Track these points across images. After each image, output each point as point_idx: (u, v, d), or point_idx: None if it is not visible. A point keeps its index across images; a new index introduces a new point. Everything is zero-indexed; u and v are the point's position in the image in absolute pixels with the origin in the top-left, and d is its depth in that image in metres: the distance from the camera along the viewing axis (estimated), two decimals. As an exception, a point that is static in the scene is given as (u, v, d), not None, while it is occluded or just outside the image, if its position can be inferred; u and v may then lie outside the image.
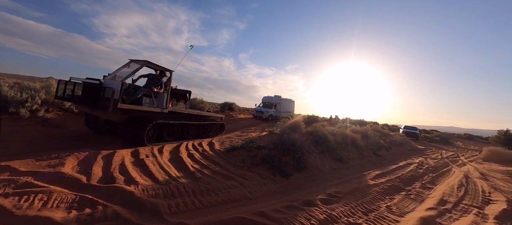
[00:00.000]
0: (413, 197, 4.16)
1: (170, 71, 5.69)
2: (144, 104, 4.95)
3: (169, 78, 5.70)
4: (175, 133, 6.04)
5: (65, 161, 3.16)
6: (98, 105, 4.21)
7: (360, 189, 4.10)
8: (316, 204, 3.13)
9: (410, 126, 22.00)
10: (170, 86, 5.73)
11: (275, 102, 17.60)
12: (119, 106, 4.27)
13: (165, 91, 5.56)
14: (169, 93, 5.62)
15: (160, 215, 2.39)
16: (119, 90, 4.27)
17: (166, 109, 5.48)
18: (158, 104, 5.30)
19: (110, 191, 2.63)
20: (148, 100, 5.05)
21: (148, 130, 4.86)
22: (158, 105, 5.32)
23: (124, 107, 4.43)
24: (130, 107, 4.60)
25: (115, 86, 4.25)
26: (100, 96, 4.21)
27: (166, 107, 5.53)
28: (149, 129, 4.93)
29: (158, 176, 3.35)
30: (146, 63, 5.12)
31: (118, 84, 4.33)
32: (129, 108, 4.59)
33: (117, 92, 4.23)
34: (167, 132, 5.73)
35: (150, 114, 5.18)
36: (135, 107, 4.73)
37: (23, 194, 2.22)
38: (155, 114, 5.27)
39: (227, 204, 2.97)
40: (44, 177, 2.65)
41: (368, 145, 8.85)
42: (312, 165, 5.23)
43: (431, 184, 5.32)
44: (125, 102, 4.55)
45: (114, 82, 4.49)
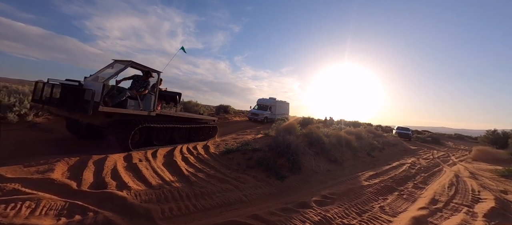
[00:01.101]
0: (406, 197, 4.24)
1: (158, 72, 5.47)
2: (129, 107, 4.72)
3: (157, 80, 5.49)
4: (164, 137, 5.80)
5: (54, 166, 3.08)
6: (77, 108, 3.96)
7: (354, 190, 4.15)
8: (310, 206, 3.14)
9: (403, 127, 22.44)
10: (158, 88, 5.52)
11: (270, 104, 17.61)
12: (100, 109, 4.04)
13: (152, 93, 5.33)
14: (156, 95, 5.39)
15: (153, 220, 2.35)
16: (100, 92, 4.04)
17: (153, 112, 5.26)
18: (144, 107, 5.09)
19: (102, 197, 2.58)
20: (133, 102, 4.82)
21: (133, 134, 4.60)
22: (145, 108, 5.10)
23: (106, 110, 4.19)
24: (113, 110, 4.35)
25: (95, 88, 4.00)
26: (79, 99, 3.98)
27: (154, 110, 5.31)
28: (135, 133, 4.67)
29: (152, 181, 3.30)
30: (131, 63, 4.86)
31: (99, 86, 4.09)
32: (112, 112, 4.36)
33: (98, 94, 4.00)
34: (155, 136, 5.49)
35: (136, 117, 4.91)
36: (119, 110, 4.48)
37: (9, 201, 2.15)
38: (141, 118, 5.00)
39: (222, 208, 2.95)
40: (32, 183, 2.57)
41: (362, 146, 8.98)
42: (307, 167, 5.26)
43: (423, 184, 5.43)
44: (107, 104, 4.32)
45: (95, 83, 4.22)
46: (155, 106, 5.36)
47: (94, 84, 4.20)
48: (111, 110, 4.31)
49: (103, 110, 4.11)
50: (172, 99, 6.65)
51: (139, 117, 4.96)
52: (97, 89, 4.01)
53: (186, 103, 12.90)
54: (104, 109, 4.13)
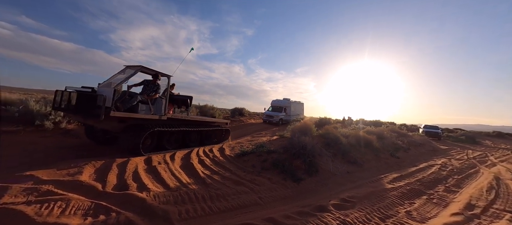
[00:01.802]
0: (436, 202, 3.88)
1: (168, 76, 5.48)
2: (140, 112, 4.75)
3: (167, 84, 5.50)
4: (176, 140, 5.82)
5: (83, 169, 3.32)
6: (90, 114, 4.03)
7: (376, 193, 3.90)
8: (328, 210, 3.01)
9: (431, 125, 20.74)
10: (169, 91, 5.53)
11: (285, 106, 17.13)
12: (112, 114, 4.07)
13: (163, 97, 5.34)
14: (167, 99, 5.38)
15: (171, 222, 2.42)
16: (111, 97, 4.07)
17: (164, 116, 5.26)
18: (156, 111, 5.09)
19: (124, 198, 2.72)
20: (144, 107, 4.85)
21: (144, 139, 4.65)
22: (156, 112, 5.09)
23: (117, 115, 4.23)
24: (124, 115, 4.39)
25: (106, 94, 4.06)
26: (92, 105, 4.03)
27: (165, 114, 5.30)
28: (146, 137, 4.71)
29: (169, 183, 3.41)
30: (140, 68, 4.92)
31: (110, 91, 4.12)
32: (124, 116, 4.40)
33: (109, 100, 4.04)
34: (167, 140, 5.50)
35: (148, 121, 4.94)
36: (130, 115, 4.52)
37: (44, 201, 2.36)
38: (152, 122, 5.03)
39: (237, 210, 2.94)
40: (63, 185, 2.80)
41: (385, 146, 8.45)
42: (324, 168, 5.08)
43: (456, 187, 4.94)
44: (119, 110, 4.36)
45: (106, 89, 4.26)
46: (166, 110, 5.39)
47: (106, 90, 4.27)
48: (122, 115, 4.34)
49: (115, 115, 4.16)
50: (183, 102, 6.71)
51: (150, 122, 4.99)
52: (108, 95, 4.07)
53: (202, 106, 13.25)
54: (116, 114, 4.18)
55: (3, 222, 2.01)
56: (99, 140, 5.55)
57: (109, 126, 4.61)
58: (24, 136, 5.07)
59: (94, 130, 5.34)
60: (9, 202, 2.29)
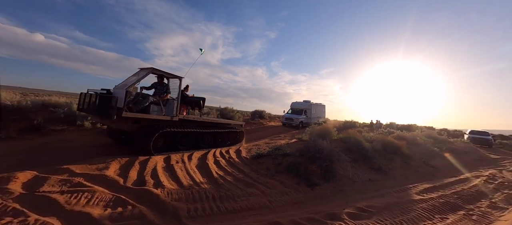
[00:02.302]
0: (476, 219, 3.35)
1: (180, 78, 5.56)
2: (152, 112, 4.85)
3: (179, 85, 5.56)
4: (189, 142, 5.88)
5: (109, 165, 3.68)
6: (105, 114, 4.20)
7: (400, 205, 3.53)
8: (341, 218, 2.82)
9: (479, 131, 18.05)
10: (180, 93, 5.57)
11: (305, 108, 16.63)
12: (124, 114, 4.22)
13: (175, 99, 5.42)
14: (179, 100, 5.47)
15: (179, 218, 2.52)
16: (122, 98, 4.21)
17: (176, 117, 5.34)
18: (167, 112, 5.17)
19: (140, 193, 2.93)
20: (156, 108, 4.96)
21: (156, 139, 4.77)
22: (168, 113, 5.18)
23: (129, 116, 4.37)
24: (135, 116, 4.52)
25: (119, 95, 4.21)
26: (106, 106, 4.20)
27: (177, 115, 5.39)
28: (157, 138, 4.84)
29: (184, 181, 3.57)
30: (152, 70, 5.03)
31: (122, 93, 4.28)
32: (135, 117, 4.54)
33: (121, 101, 4.18)
34: (179, 141, 5.59)
35: (159, 122, 5.05)
36: (142, 116, 4.65)
37: (74, 192, 2.67)
38: (164, 123, 5.14)
39: (244, 212, 2.95)
40: (92, 178, 3.14)
41: (417, 153, 7.63)
42: (342, 174, 4.79)
43: (505, 203, 4.20)
44: (132, 110, 4.49)
45: (119, 91, 4.41)
46: (178, 111, 5.48)
47: (119, 91, 4.40)
48: (133, 116, 4.48)
49: (127, 115, 4.31)
50: (196, 104, 6.79)
51: (161, 122, 5.09)
52: (120, 96, 4.22)
53: (223, 109, 13.65)
54: (128, 114, 4.32)
55: (40, 207, 2.33)
56: (118, 140, 5.83)
57: (125, 126, 4.78)
58: (67, 134, 5.84)
59: (113, 130, 5.60)
60: (47, 191, 2.65)
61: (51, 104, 6.72)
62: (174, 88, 5.74)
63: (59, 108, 6.53)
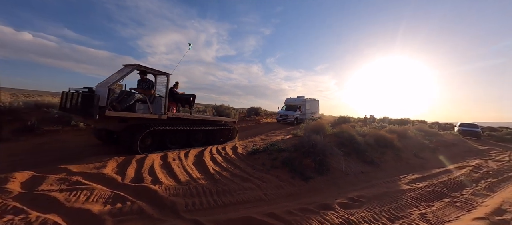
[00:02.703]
0: (460, 205, 3.56)
1: (167, 75, 5.39)
2: (138, 111, 4.67)
3: (167, 82, 5.39)
4: (180, 140, 5.76)
5: (107, 163, 3.73)
6: (87, 113, 4.02)
7: (389, 194, 3.71)
8: (333, 208, 2.96)
9: (469, 123, 18.64)
10: (168, 90, 5.40)
11: (300, 104, 16.55)
12: (107, 114, 4.04)
13: (162, 96, 5.27)
14: (167, 98, 5.31)
15: (177, 212, 2.61)
16: (105, 96, 4.03)
17: (164, 115, 5.19)
18: (155, 110, 5.01)
19: (139, 189, 3.00)
20: (142, 106, 4.78)
21: (143, 138, 4.65)
22: (155, 111, 5.02)
23: (113, 115, 4.19)
24: (120, 114, 4.33)
25: (101, 93, 4.04)
26: (88, 105, 4.02)
27: (165, 112, 5.22)
28: (145, 137, 4.71)
29: (181, 177, 3.65)
30: (136, 66, 4.80)
31: (104, 91, 4.08)
32: (121, 116, 4.38)
33: (103, 99, 4.01)
34: (169, 139, 5.47)
35: (147, 121, 4.89)
36: (126, 114, 4.45)
37: (73, 190, 2.73)
38: (152, 121, 4.98)
39: (241, 205, 3.05)
40: (90, 176, 3.19)
41: (408, 146, 7.89)
42: (335, 168, 4.95)
43: (488, 190, 4.45)
44: (116, 109, 4.32)
45: (101, 89, 4.24)
46: (166, 109, 5.32)
47: (101, 89, 4.21)
48: (117, 115, 4.28)
49: (110, 114, 4.12)
50: (187, 101, 6.63)
51: (149, 121, 4.93)
52: (102, 94, 4.04)
53: (218, 106, 13.68)
54: (111, 113, 4.14)
55: (40, 204, 2.38)
56: (105, 140, 5.60)
57: (111, 126, 4.62)
58: (62, 135, 5.82)
59: (99, 130, 5.39)
60: (46, 189, 2.70)
61: (45, 105, 6.65)
62: (162, 86, 5.54)
63: (53, 109, 6.47)
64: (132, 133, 4.56)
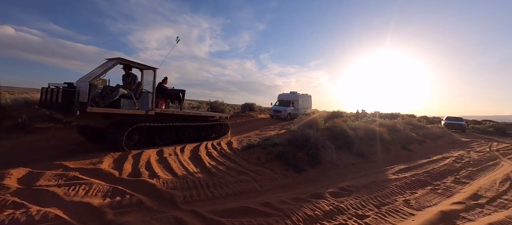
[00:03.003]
0: (441, 192, 3.82)
1: (154, 69, 5.26)
2: (123, 107, 4.53)
3: (153, 77, 5.27)
4: (169, 136, 5.66)
5: (103, 159, 3.77)
6: (67, 110, 3.86)
7: (377, 183, 3.93)
8: (324, 197, 3.14)
9: (454, 116, 19.47)
10: (155, 85, 5.28)
11: (293, 99, 16.63)
12: (89, 110, 3.90)
13: (149, 91, 5.15)
14: (154, 93, 5.19)
15: (176, 204, 2.72)
16: (86, 92, 3.89)
17: (152, 111, 5.06)
18: (141, 106, 4.88)
19: (137, 183, 3.08)
20: (127, 102, 4.64)
21: (129, 135, 4.56)
22: (142, 107, 4.90)
23: (95, 111, 4.04)
24: (103, 110, 4.19)
25: (81, 88, 3.90)
26: (69, 101, 3.85)
27: (152, 108, 5.09)
28: (131, 133, 4.61)
29: (178, 172, 3.74)
30: (120, 60, 4.62)
31: (85, 86, 3.94)
32: (102, 112, 4.24)
33: (84, 95, 3.87)
34: (158, 135, 5.39)
35: (133, 117, 4.78)
36: (109, 110, 4.31)
37: (71, 185, 2.78)
38: (138, 117, 4.86)
39: (237, 196, 3.19)
40: (87, 172, 3.23)
41: (396, 139, 8.23)
42: (327, 160, 5.15)
43: (467, 178, 4.77)
44: (99, 105, 4.17)
45: (82, 84, 4.09)
46: (153, 104, 5.19)
47: (82, 84, 4.05)
48: (100, 110, 4.13)
49: (92, 110, 3.98)
50: (176, 97, 6.48)
51: (136, 117, 4.81)
52: (83, 89, 3.89)
53: (213, 103, 13.69)
54: (94, 109, 3.99)
55: (39, 199, 2.43)
56: (89, 137, 5.43)
57: (95, 123, 4.48)
58: (54, 132, 5.75)
59: (83, 127, 5.22)
60: (44, 185, 2.73)
61: (35, 102, 6.50)
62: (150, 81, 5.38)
63: (43, 106, 6.34)
64: (117, 130, 4.44)
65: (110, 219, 2.22)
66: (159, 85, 6.24)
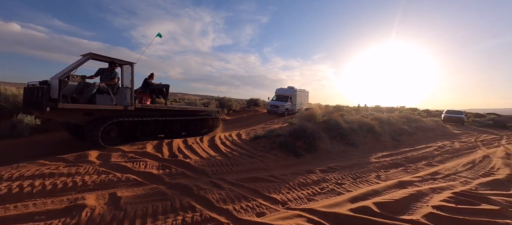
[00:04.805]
0: (410, 171, 4.83)
1: (131, 64, 5.26)
2: (99, 102, 4.53)
3: (131, 72, 5.29)
4: (153, 130, 5.71)
5: (146, 146, 4.92)
6: (38, 107, 3.92)
7: (358, 164, 4.97)
8: (314, 172, 4.22)
9: (454, 110, 20.06)
10: (133, 80, 5.28)
11: (290, 95, 16.62)
12: (60, 106, 3.88)
13: (128, 86, 5.18)
14: (133, 88, 5.22)
15: (207, 174, 3.83)
16: (56, 88, 3.87)
17: (131, 106, 5.06)
18: (120, 101, 4.90)
19: (176, 162, 4.21)
20: (103, 97, 4.64)
21: (107, 131, 4.67)
22: (120, 102, 4.91)
23: (68, 107, 4.04)
24: (75, 106, 4.19)
25: (52, 85, 3.90)
26: (39, 98, 3.90)
27: (132, 103, 5.10)
28: (108, 129, 4.68)
29: (202, 155, 4.86)
30: (91, 55, 4.58)
31: (54, 82, 3.91)
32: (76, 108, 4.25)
33: (54, 91, 3.85)
34: (140, 130, 5.43)
35: (112, 112, 4.80)
36: (80, 106, 4.28)
37: (134, 161, 3.93)
38: (117, 113, 4.89)
39: (249, 171, 4.28)
40: (139, 154, 4.38)
41: (388, 131, 9.17)
42: (322, 148, 6.19)
43: (439, 162, 5.73)
44: (78, 101, 4.22)
45: (54, 80, 4.03)
46: (133, 99, 5.20)
47: (53, 81, 4.01)
48: (72, 107, 4.12)
49: (64, 107, 3.97)
50: (160, 92, 6.49)
51: (115, 113, 4.84)
52: (53, 86, 3.88)
53: (221, 99, 14.79)
54: (66, 105, 4.00)
55: (119, 169, 3.58)
56: (75, 134, 5.49)
57: (76, 120, 4.52)
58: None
59: (68, 124, 5.30)
60: (116, 161, 3.90)
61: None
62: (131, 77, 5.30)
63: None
64: (94, 126, 4.48)
65: (167, 181, 3.35)
66: (145, 81, 6.60)
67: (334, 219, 2.42)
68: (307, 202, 3.03)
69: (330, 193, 3.36)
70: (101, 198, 2.63)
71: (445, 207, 2.80)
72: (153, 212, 2.42)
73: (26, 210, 2.28)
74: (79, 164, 3.59)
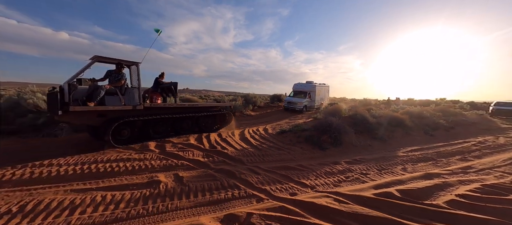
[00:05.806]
0: (440, 165, 4.83)
1: (136, 64, 5.35)
2: (108, 103, 4.71)
3: (137, 71, 5.38)
4: (164, 129, 5.84)
5: (189, 138, 5.78)
6: (53, 110, 4.12)
7: (385, 158, 5.13)
8: (340, 163, 4.56)
9: (506, 102, 17.72)
10: (140, 79, 5.36)
11: (309, 90, 15.23)
12: (71, 109, 4.06)
13: (135, 87, 5.32)
14: (140, 87, 5.30)
15: (243, 162, 4.46)
16: (66, 92, 4.07)
17: (140, 106, 5.17)
18: (129, 101, 5.04)
19: (216, 152, 4.93)
20: (112, 98, 4.79)
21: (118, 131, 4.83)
22: (130, 102, 5.05)
23: (78, 110, 4.19)
24: (85, 109, 4.33)
25: (64, 89, 4.09)
26: (52, 102, 4.13)
27: (141, 103, 5.22)
28: (118, 129, 4.84)
29: (236, 146, 5.53)
30: (96, 58, 4.69)
31: (66, 87, 4.11)
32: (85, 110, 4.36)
33: (65, 95, 4.05)
34: (152, 129, 5.57)
35: (122, 113, 4.95)
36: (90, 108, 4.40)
37: (183, 150, 4.76)
38: (126, 113, 5.02)
39: (279, 161, 4.80)
40: (185, 145, 5.24)
41: (421, 125, 8.82)
42: (347, 142, 6.40)
43: (475, 158, 5.52)
44: (83, 104, 4.37)
45: (65, 85, 4.21)
46: (141, 99, 5.29)
47: (64, 85, 4.18)
48: (81, 109, 4.27)
49: (75, 109, 4.13)
50: (169, 90, 6.56)
51: (124, 113, 4.97)
52: (65, 90, 4.08)
53: (246, 95, 15.49)
54: (76, 108, 4.15)
55: (173, 156, 4.42)
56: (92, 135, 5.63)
57: (91, 121, 4.69)
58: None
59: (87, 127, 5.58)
60: (170, 151, 4.77)
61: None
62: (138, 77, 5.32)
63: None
64: (105, 127, 4.67)
65: (213, 167, 4.07)
66: (156, 80, 6.78)
67: (358, 200, 2.81)
68: (333, 187, 3.44)
69: (355, 181, 3.71)
70: (169, 177, 3.42)
71: (468, 196, 2.95)
72: (208, 188, 3.11)
73: (121, 182, 3.16)
74: (145, 151, 4.52)
